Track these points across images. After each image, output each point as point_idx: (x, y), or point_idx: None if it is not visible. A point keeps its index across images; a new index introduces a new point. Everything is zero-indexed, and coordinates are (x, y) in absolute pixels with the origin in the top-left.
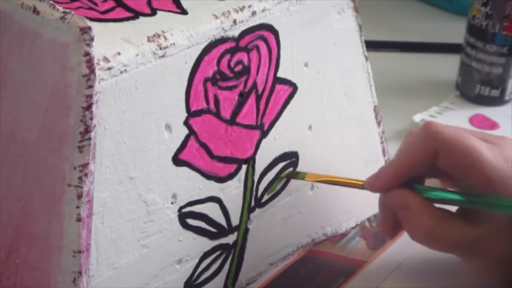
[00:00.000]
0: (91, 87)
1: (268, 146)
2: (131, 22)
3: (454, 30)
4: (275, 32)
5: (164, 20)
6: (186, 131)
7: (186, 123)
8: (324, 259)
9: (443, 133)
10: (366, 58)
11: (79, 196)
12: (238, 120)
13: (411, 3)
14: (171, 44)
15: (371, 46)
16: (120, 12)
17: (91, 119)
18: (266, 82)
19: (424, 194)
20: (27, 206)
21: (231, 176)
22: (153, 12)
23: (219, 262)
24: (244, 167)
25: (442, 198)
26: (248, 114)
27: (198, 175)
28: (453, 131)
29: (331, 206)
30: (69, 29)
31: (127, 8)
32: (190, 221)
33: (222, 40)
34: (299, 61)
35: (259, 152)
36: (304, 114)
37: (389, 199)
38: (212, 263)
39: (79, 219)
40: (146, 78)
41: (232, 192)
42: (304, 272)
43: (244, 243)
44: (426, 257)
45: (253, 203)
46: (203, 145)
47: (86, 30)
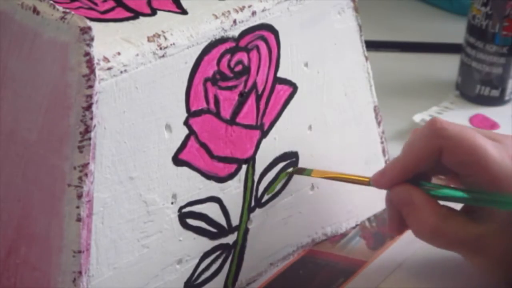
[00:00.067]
0: (91, 87)
1: (268, 146)
2: (131, 22)
3: (454, 30)
4: (275, 32)
5: (164, 20)
6: (186, 131)
7: (186, 123)
8: (324, 259)
9: (448, 129)
10: (366, 58)
11: (79, 196)
12: (238, 120)
13: (411, 3)
14: (171, 44)
15: (371, 46)
16: (120, 12)
17: (91, 119)
18: (266, 82)
19: (429, 191)
20: (27, 206)
21: (231, 176)
22: (153, 12)
23: (219, 262)
24: (244, 167)
25: (447, 196)
26: (248, 114)
27: (198, 175)
28: (458, 128)
29: (331, 206)
30: (69, 29)
31: (127, 8)
32: (190, 221)
33: (222, 40)
34: (299, 61)
35: (259, 152)
36: (304, 114)
37: (393, 195)
38: (212, 263)
39: (79, 219)
40: (146, 78)
41: (232, 192)
42: (304, 272)
43: (244, 243)
44: (426, 257)
45: (253, 203)
46: (203, 145)
47: (86, 30)
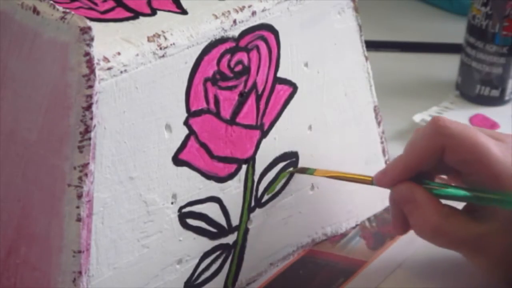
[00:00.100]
0: (91, 87)
1: (268, 146)
2: (131, 22)
3: (454, 30)
4: (275, 32)
5: (164, 20)
6: (186, 131)
7: (186, 123)
8: (324, 259)
9: (450, 128)
10: (366, 58)
11: (79, 196)
12: (238, 120)
13: (411, 3)
14: (171, 44)
15: (371, 46)
16: (120, 12)
17: (91, 119)
18: (266, 82)
19: (432, 190)
20: (27, 206)
21: (231, 176)
22: (153, 12)
23: (219, 262)
24: (244, 167)
25: (449, 194)
26: (248, 114)
27: (198, 175)
28: (460, 126)
29: (331, 206)
30: (69, 29)
31: (127, 8)
32: (190, 221)
33: (222, 40)
34: (299, 61)
35: (259, 152)
36: (304, 114)
37: (396, 193)
38: (212, 263)
39: (79, 219)
40: (146, 78)
41: (232, 192)
42: (304, 272)
43: (244, 243)
44: (426, 257)
45: (253, 203)
46: (203, 145)
47: (86, 30)
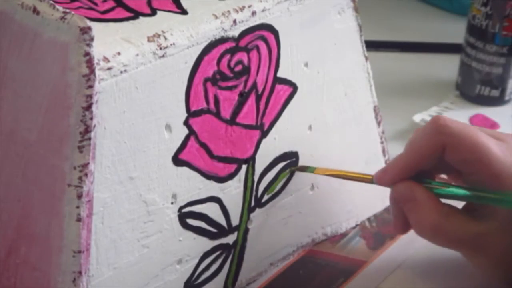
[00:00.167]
0: (91, 87)
1: (268, 146)
2: (131, 22)
3: (454, 30)
4: (275, 32)
5: (164, 20)
6: (186, 131)
7: (186, 123)
8: (324, 259)
9: (451, 127)
10: (366, 58)
11: (79, 196)
12: (238, 120)
13: (411, 3)
14: (171, 44)
15: (371, 46)
16: (120, 12)
17: (91, 119)
18: (266, 82)
19: (432, 189)
20: (27, 206)
21: (231, 176)
22: (153, 12)
23: (219, 262)
24: (244, 167)
25: (449, 193)
26: (248, 114)
27: (198, 175)
28: (461, 125)
29: (331, 206)
30: (69, 29)
31: (127, 8)
32: (190, 221)
33: (222, 40)
34: (299, 61)
35: (259, 152)
36: (304, 114)
37: (396, 192)
38: (212, 263)
39: (79, 219)
40: (146, 78)
41: (232, 192)
42: (304, 272)
43: (244, 243)
44: (426, 257)
45: (253, 203)
46: (203, 145)
47: (86, 30)
